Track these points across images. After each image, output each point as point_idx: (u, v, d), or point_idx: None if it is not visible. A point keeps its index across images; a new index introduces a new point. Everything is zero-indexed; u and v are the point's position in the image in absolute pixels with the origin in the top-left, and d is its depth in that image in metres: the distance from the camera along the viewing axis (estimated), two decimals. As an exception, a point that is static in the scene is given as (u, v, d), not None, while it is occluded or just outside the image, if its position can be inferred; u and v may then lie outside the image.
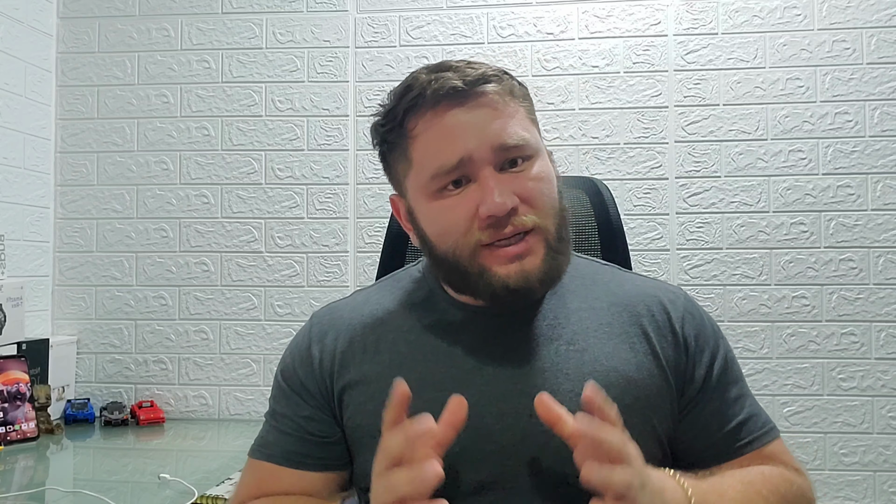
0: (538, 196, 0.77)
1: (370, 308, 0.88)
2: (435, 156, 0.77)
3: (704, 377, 0.83)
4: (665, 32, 2.08)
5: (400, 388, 0.65)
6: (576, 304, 0.84)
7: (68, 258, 2.21)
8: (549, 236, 0.77)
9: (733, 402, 0.83)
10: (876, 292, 1.97)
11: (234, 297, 2.16)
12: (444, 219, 0.78)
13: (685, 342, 0.83)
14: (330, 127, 2.16)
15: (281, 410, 0.87)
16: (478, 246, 0.76)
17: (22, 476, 1.54)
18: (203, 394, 2.15)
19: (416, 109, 0.77)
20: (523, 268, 0.76)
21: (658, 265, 2.04)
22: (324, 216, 2.15)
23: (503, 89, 0.78)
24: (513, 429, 0.76)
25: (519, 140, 0.77)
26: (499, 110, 0.77)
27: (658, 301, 0.86)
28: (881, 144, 1.99)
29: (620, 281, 0.88)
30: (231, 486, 1.56)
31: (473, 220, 0.76)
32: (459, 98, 0.76)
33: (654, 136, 2.06)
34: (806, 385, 1.98)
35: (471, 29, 2.13)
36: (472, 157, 0.75)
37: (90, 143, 2.22)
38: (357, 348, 0.84)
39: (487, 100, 0.77)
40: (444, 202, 0.77)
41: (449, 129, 0.76)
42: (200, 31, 2.21)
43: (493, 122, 0.76)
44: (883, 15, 2.01)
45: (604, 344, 0.81)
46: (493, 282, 0.76)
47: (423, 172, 0.78)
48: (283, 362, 0.89)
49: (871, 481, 1.95)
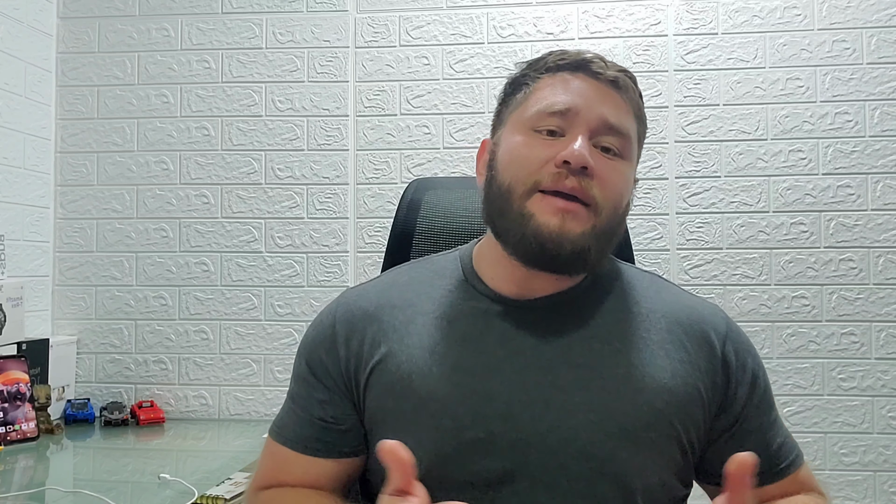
0: (611, 184, 0.78)
1: (399, 290, 0.87)
2: (549, 96, 0.81)
3: (747, 397, 0.82)
4: (665, 32, 2.08)
5: (402, 455, 0.63)
6: (613, 304, 0.84)
7: (68, 258, 2.21)
8: (598, 221, 0.77)
9: (773, 424, 0.84)
10: (876, 292, 1.98)
11: (234, 297, 2.16)
12: (522, 152, 0.80)
13: (724, 359, 0.82)
14: (330, 127, 2.16)
15: (297, 391, 0.87)
16: (535, 188, 0.77)
17: (22, 476, 1.54)
18: (203, 394, 2.15)
19: (558, 68, 0.82)
20: (563, 225, 0.76)
21: (658, 265, 2.04)
22: (324, 216, 2.15)
23: (633, 97, 0.83)
24: (541, 420, 0.76)
25: (622, 127, 0.80)
26: (620, 102, 0.81)
27: (698, 314, 0.85)
28: (881, 144, 2.00)
29: (659, 288, 0.88)
30: (231, 485, 1.56)
31: (548, 163, 0.77)
32: (594, 74, 0.81)
33: (654, 136, 2.06)
34: (806, 385, 1.98)
35: (471, 29, 2.13)
36: (578, 111, 0.79)
37: (90, 143, 2.22)
38: (387, 328, 0.83)
39: (616, 90, 0.81)
40: (531, 140, 0.80)
41: (572, 87, 0.81)
42: (200, 31, 2.21)
43: (610, 101, 0.81)
44: (883, 15, 2.02)
45: (640, 348, 0.80)
46: (529, 226, 0.76)
47: (530, 108, 0.82)
48: (306, 344, 0.88)
49: (872, 481, 1.95)
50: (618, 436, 0.75)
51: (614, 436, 0.75)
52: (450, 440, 0.76)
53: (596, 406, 0.76)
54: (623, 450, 0.75)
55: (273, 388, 2.13)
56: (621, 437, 0.76)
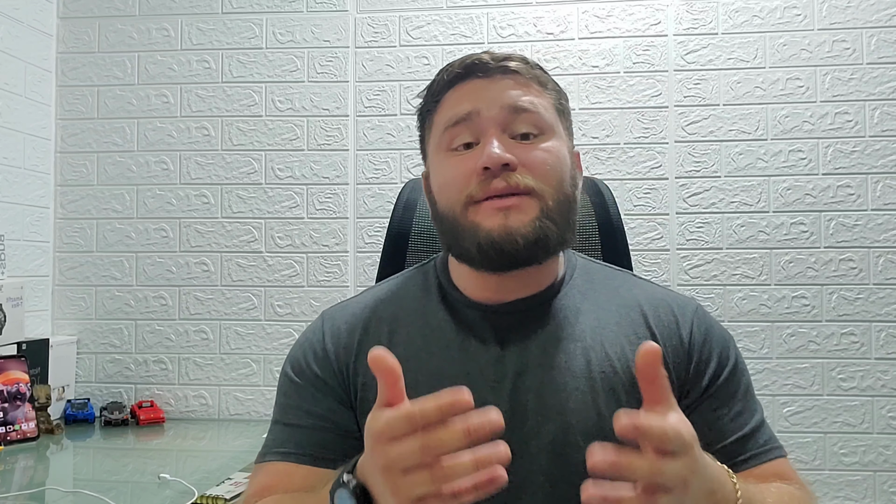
0: (540, 164, 0.78)
1: (382, 304, 0.88)
2: (448, 112, 0.81)
3: (707, 386, 0.81)
4: (665, 32, 2.08)
5: (390, 363, 0.57)
6: (586, 305, 0.84)
7: (68, 258, 2.21)
8: (544, 203, 0.77)
9: (735, 416, 0.81)
10: (876, 292, 1.97)
11: (234, 297, 2.16)
12: (448, 173, 0.81)
13: (690, 348, 0.82)
14: (330, 127, 2.16)
15: (296, 406, 0.84)
16: (470, 201, 0.78)
17: (22, 476, 1.54)
18: (203, 394, 2.15)
19: (447, 83, 0.83)
20: (508, 222, 0.75)
21: (658, 265, 2.04)
22: (324, 216, 2.15)
23: (529, 72, 0.82)
24: (521, 426, 0.77)
25: (530, 105, 0.79)
26: (520, 84, 0.81)
27: (667, 305, 0.85)
28: (881, 144, 1.99)
29: (631, 285, 0.88)
30: (231, 485, 1.56)
31: (471, 176, 0.77)
32: (486, 70, 0.81)
33: (654, 136, 2.06)
34: (806, 385, 1.98)
35: (471, 29, 2.13)
36: (479, 112, 0.79)
37: (90, 143, 2.22)
38: (372, 341, 0.84)
39: (511, 74, 0.81)
40: (451, 158, 0.81)
41: (467, 91, 0.81)
42: (200, 31, 2.21)
43: (507, 89, 0.80)
44: (883, 15, 2.01)
45: (612, 344, 0.81)
46: (479, 235, 0.77)
47: (438, 128, 0.83)
48: (293, 361, 0.87)
49: (872, 481, 1.95)
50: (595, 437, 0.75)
51: (591, 437, 0.75)
52: None
53: (570, 408, 0.77)
54: None
55: (273, 388, 2.12)
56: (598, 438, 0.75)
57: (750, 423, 0.82)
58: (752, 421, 0.82)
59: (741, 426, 0.81)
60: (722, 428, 0.81)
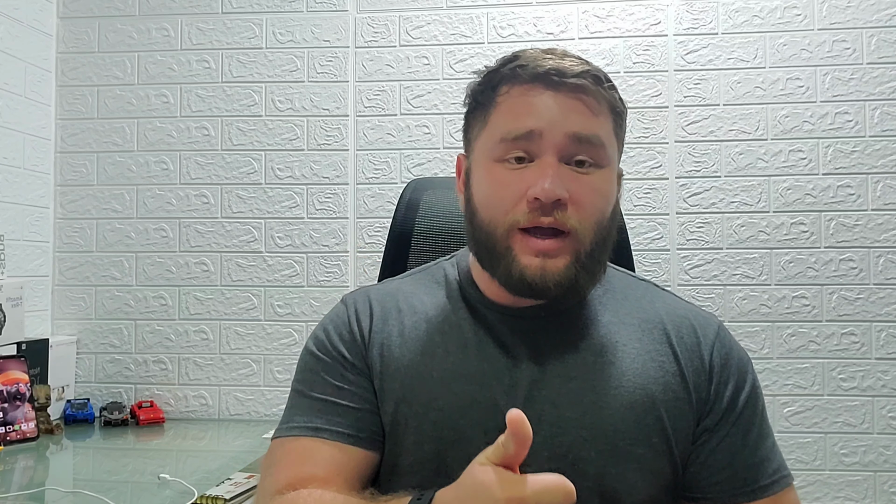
0: (589, 205, 0.76)
1: (403, 295, 0.88)
2: (509, 122, 0.77)
3: (725, 410, 0.80)
4: (665, 32, 2.08)
5: (524, 428, 0.57)
6: (607, 316, 0.83)
7: (68, 258, 2.21)
8: (581, 248, 0.76)
9: (750, 444, 0.80)
10: (876, 292, 1.97)
11: (234, 297, 2.16)
12: (495, 189, 0.78)
13: (710, 369, 0.81)
14: (330, 127, 2.16)
15: (322, 382, 0.82)
16: (514, 226, 0.76)
17: (22, 476, 1.54)
18: (203, 394, 2.15)
19: (511, 79, 0.79)
20: (545, 266, 0.75)
21: (658, 265, 2.04)
22: (324, 216, 2.15)
23: (602, 93, 0.78)
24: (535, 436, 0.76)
25: (592, 135, 0.76)
26: (586, 106, 0.77)
27: (689, 324, 0.84)
28: (881, 144, 1.99)
29: (653, 298, 0.87)
30: (231, 485, 1.56)
31: (521, 199, 0.75)
32: (554, 84, 0.76)
33: (654, 136, 2.06)
34: (806, 385, 1.98)
35: (471, 29, 2.13)
36: (542, 133, 0.75)
37: (90, 143, 2.22)
38: (391, 330, 0.84)
39: (579, 94, 0.76)
40: (501, 172, 0.78)
41: (531, 104, 0.77)
42: (200, 31, 2.21)
43: (574, 112, 0.76)
44: (883, 15, 2.01)
45: (632, 360, 0.80)
46: (512, 267, 0.76)
47: (493, 135, 0.79)
48: (317, 340, 0.86)
49: (872, 481, 1.95)
50: (608, 453, 0.75)
51: (605, 453, 0.75)
52: (451, 451, 0.76)
53: (587, 423, 0.76)
54: (613, 466, 0.75)
55: (273, 389, 2.13)
56: (612, 454, 0.75)
57: (762, 450, 0.80)
58: (764, 449, 0.81)
59: (754, 454, 0.80)
60: (735, 454, 0.79)
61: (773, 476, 0.79)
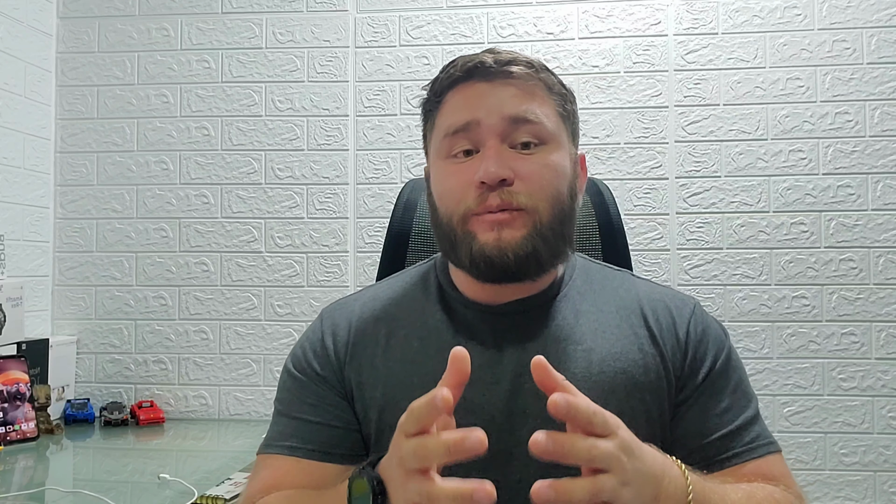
0: (538, 179, 0.78)
1: (381, 303, 0.88)
2: (449, 118, 0.81)
3: (699, 384, 0.81)
4: (665, 32, 2.08)
5: (444, 397, 0.56)
6: (585, 306, 0.85)
7: (68, 258, 2.21)
8: (539, 220, 0.77)
9: (722, 412, 0.81)
10: (876, 292, 1.97)
11: (233, 297, 2.16)
12: (447, 182, 0.81)
13: (686, 346, 0.82)
14: (330, 127, 2.16)
15: (300, 401, 0.84)
16: (468, 213, 0.78)
17: (22, 476, 1.54)
18: (203, 394, 2.15)
19: (449, 81, 0.82)
20: (501, 237, 0.76)
21: (658, 265, 2.04)
22: (324, 216, 2.15)
23: (533, 77, 0.80)
24: (520, 429, 0.76)
25: (532, 115, 0.78)
26: (522, 91, 0.79)
27: (665, 305, 0.85)
28: (881, 144, 1.99)
29: (630, 286, 0.88)
30: (231, 485, 1.56)
31: (470, 186, 0.77)
32: (488, 75, 0.79)
33: (654, 136, 2.06)
34: (806, 385, 1.98)
35: (471, 29, 2.13)
36: (479, 122, 0.78)
37: (90, 143, 2.22)
38: (369, 341, 0.85)
39: (514, 80, 0.79)
40: (450, 167, 0.81)
41: (467, 97, 0.80)
42: (200, 31, 2.21)
43: (509, 96, 0.79)
44: (883, 15, 2.01)
45: (612, 345, 0.81)
46: (473, 248, 0.77)
47: (438, 135, 0.82)
48: (294, 358, 0.88)
49: (872, 481, 1.95)
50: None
51: None
52: None
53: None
54: None
55: (273, 389, 2.12)
56: None
57: (737, 420, 0.81)
58: (740, 418, 0.81)
59: (727, 423, 0.80)
60: (707, 423, 0.80)
61: (749, 444, 0.80)
